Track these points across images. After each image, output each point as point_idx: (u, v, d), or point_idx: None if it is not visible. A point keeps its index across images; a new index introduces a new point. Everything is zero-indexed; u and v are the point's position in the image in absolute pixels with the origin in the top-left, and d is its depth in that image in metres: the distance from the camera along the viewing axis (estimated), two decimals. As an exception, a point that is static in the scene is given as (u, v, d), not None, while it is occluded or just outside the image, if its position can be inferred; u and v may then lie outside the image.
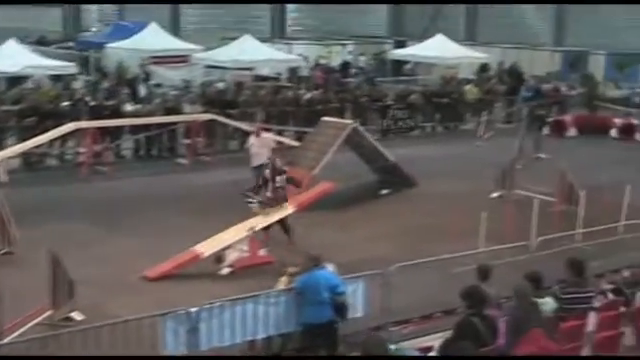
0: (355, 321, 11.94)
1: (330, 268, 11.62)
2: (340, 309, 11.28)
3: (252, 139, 20.76)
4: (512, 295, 9.87)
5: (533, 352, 8.79)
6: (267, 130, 25.43)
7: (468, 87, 33.52)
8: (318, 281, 11.12)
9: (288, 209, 16.35)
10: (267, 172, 16.80)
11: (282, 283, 11.86)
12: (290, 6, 50.16)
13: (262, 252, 15.46)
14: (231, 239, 15.33)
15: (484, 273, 10.80)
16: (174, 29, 43.40)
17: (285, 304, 11.57)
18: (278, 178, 16.86)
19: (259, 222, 15.77)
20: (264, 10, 49.07)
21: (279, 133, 26.28)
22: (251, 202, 16.51)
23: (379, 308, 12.32)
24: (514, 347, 8.97)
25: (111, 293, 13.58)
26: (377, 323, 12.27)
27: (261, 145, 20.24)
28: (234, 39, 35.54)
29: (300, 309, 11.36)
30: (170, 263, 14.85)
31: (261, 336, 11.67)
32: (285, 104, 28.01)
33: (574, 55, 41.31)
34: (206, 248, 15.00)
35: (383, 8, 52.56)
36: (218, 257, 14.99)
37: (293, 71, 37.44)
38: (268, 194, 16.50)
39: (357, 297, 12.17)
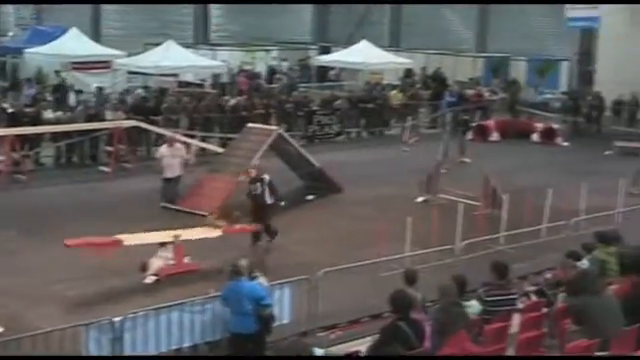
0: (282, 327, 11.87)
1: (262, 280, 11.42)
2: (266, 322, 11.05)
3: (164, 150, 20.19)
4: (438, 294, 9.92)
5: (454, 354, 8.85)
6: (191, 137, 25.34)
7: (393, 93, 33.83)
8: (240, 292, 10.91)
9: (215, 232, 15.93)
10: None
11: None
12: (214, 11, 49.78)
13: (187, 260, 15.25)
14: (154, 239, 15.14)
15: (410, 277, 10.83)
16: (95, 34, 42.64)
17: (211, 312, 11.44)
18: (251, 187, 16.80)
19: (186, 233, 15.52)
20: (188, 16, 48.62)
21: (203, 140, 26.08)
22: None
23: (306, 314, 12.28)
24: (439, 349, 9.01)
25: (32, 303, 13.24)
26: (304, 329, 12.21)
27: (174, 156, 19.88)
28: (157, 45, 35.12)
29: (228, 318, 11.23)
30: (91, 238, 14.62)
31: (187, 345, 11.51)
32: (209, 110, 27.79)
33: (496, 61, 41.97)
34: (129, 239, 14.69)
35: (308, 14, 52.62)
36: (143, 266, 14.73)
37: (217, 77, 37.19)
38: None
39: (283, 303, 12.11)
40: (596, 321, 8.74)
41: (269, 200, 16.84)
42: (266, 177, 16.93)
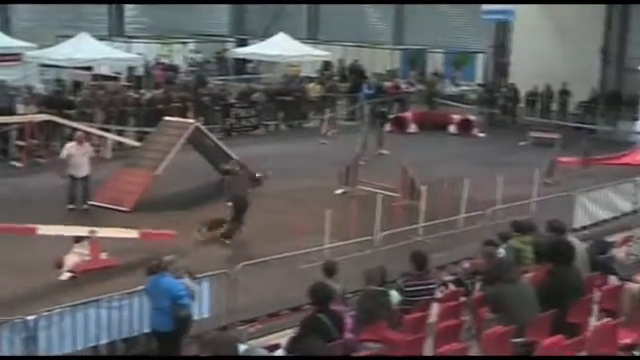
0: (201, 322, 11.73)
1: (187, 280, 11.11)
2: (181, 322, 10.65)
3: (72, 148, 19.12)
4: (364, 280, 9.94)
5: (373, 340, 8.92)
6: (107, 131, 24.92)
7: (311, 85, 33.83)
8: (160, 287, 10.66)
9: (133, 233, 15.59)
10: None
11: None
12: (128, 4, 49.06)
13: (104, 256, 14.94)
14: (70, 232, 14.82)
15: (329, 269, 10.82)
16: (5, 26, 41.51)
17: (129, 308, 11.23)
18: None
19: (103, 231, 15.20)
20: (102, 7, 47.78)
21: (119, 133, 25.65)
22: None
23: (226, 308, 12.17)
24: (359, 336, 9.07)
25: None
26: (224, 323, 12.11)
27: (82, 154, 19.09)
28: (70, 37, 34.37)
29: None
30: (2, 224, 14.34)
31: (104, 342, 11.28)
32: (125, 104, 27.34)
33: (413, 53, 42.34)
34: (43, 229, 14.30)
35: (224, 6, 52.24)
36: (58, 262, 14.39)
37: (133, 70, 36.63)
38: None
39: (202, 298, 11.96)
40: (511, 308, 8.87)
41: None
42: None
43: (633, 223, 17.07)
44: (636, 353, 8.32)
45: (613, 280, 10.84)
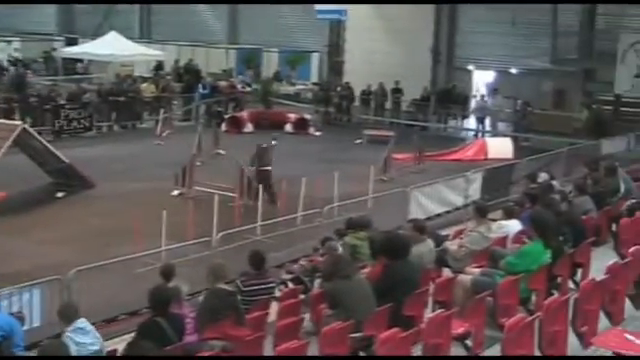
0: (33, 331, 11.25)
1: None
2: None
3: None
4: (210, 275, 9.78)
5: (216, 338, 8.82)
6: None
7: (144, 85, 33.21)
8: None
9: None
10: None
11: None
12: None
13: None
14: None
15: (167, 272, 10.59)
16: None
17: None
18: None
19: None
20: None
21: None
22: None
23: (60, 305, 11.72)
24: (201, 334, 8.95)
25: None
26: (58, 330, 11.63)
27: None
28: None
29: None
30: None
31: None
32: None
33: (248, 53, 42.30)
34: None
35: (52, 4, 50.45)
36: None
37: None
38: None
39: (33, 306, 11.50)
40: (348, 304, 8.95)
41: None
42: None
43: (464, 217, 17.65)
44: (468, 342, 8.56)
45: (447, 272, 11.13)
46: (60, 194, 20.40)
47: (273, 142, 19.20)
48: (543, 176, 18.10)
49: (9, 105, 27.34)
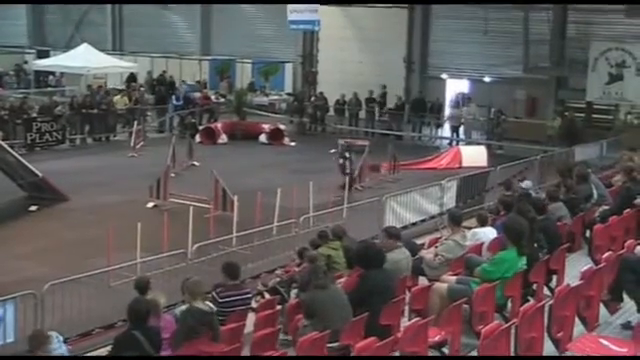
0: (7, 346, 11.14)
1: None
2: None
3: None
4: (186, 292, 9.74)
5: (192, 355, 8.77)
6: None
7: (117, 97, 33.08)
8: None
9: None
10: None
11: None
12: None
13: None
14: None
15: (141, 285, 10.54)
16: None
17: None
18: None
19: None
20: None
21: None
22: None
23: (32, 330, 11.59)
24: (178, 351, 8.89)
25: None
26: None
27: None
28: None
29: None
30: None
31: None
32: None
33: (221, 63, 42.23)
34: None
35: (22, 15, 50.14)
36: None
37: None
38: None
39: (7, 321, 11.36)
40: (324, 314, 8.96)
41: None
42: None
43: (440, 225, 17.69)
44: (445, 350, 8.58)
45: (422, 281, 11.15)
46: (33, 207, 20.24)
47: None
48: (527, 183, 18.29)
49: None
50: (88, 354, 10.98)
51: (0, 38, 47.82)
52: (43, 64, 40.23)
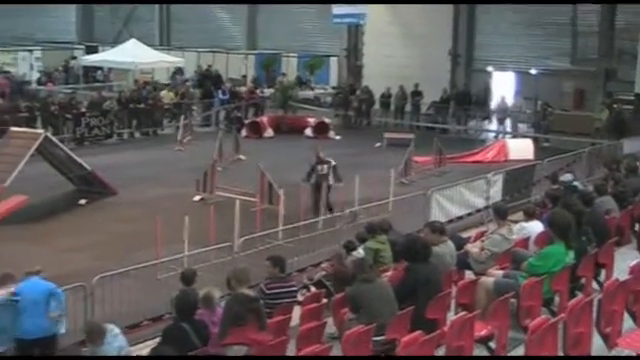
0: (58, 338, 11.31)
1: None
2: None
3: None
4: (232, 281, 9.82)
5: (238, 343, 8.84)
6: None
7: (164, 92, 33.35)
8: (40, 291, 10.55)
9: None
10: None
11: None
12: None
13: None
14: None
15: (188, 278, 10.67)
16: None
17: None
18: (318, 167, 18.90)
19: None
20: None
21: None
22: None
23: (83, 322, 11.77)
24: (223, 339, 8.98)
25: None
26: (81, 338, 11.70)
27: None
28: None
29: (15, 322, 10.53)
30: None
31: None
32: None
33: (267, 58, 42.34)
34: None
35: (72, 12, 50.79)
36: None
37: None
38: None
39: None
40: (369, 307, 8.96)
41: (331, 181, 19.19)
42: (332, 162, 19.46)
43: (486, 219, 17.59)
44: (492, 345, 8.54)
45: (469, 275, 11.10)
46: (83, 201, 20.52)
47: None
48: (567, 176, 18.05)
49: (31, 114, 27.56)
50: (137, 346, 11.07)
51: (49, 34, 48.44)
52: (92, 59, 40.68)
